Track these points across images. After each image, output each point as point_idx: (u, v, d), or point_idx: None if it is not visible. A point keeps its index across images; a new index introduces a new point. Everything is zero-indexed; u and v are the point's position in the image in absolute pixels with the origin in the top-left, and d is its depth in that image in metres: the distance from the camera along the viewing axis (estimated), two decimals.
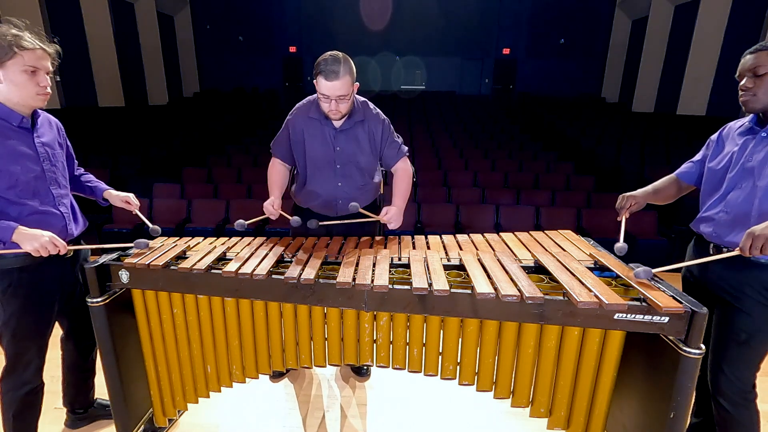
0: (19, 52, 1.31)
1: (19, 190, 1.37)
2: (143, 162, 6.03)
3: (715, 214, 1.42)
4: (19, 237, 1.32)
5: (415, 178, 3.44)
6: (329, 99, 1.74)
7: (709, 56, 9.06)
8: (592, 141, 7.54)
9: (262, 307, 1.49)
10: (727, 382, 1.40)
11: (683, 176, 1.65)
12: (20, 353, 1.49)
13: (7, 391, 1.52)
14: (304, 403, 2.07)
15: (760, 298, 1.33)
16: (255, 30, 13.92)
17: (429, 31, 13.91)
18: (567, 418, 1.36)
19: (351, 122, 1.89)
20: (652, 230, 4.29)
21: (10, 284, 1.41)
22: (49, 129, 1.53)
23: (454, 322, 1.32)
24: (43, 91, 1.39)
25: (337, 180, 1.94)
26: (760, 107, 1.35)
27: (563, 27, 13.61)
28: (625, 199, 1.64)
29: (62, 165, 1.56)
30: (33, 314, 1.47)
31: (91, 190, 1.77)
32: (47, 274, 1.48)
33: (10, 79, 1.33)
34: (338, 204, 1.97)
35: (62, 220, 1.51)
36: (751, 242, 1.13)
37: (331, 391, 2.17)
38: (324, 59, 1.71)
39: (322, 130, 1.89)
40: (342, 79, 1.69)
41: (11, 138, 1.37)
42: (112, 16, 9.87)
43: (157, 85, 12.10)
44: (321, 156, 1.91)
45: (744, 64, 1.36)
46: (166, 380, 1.71)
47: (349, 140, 1.90)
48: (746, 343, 1.35)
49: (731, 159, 1.41)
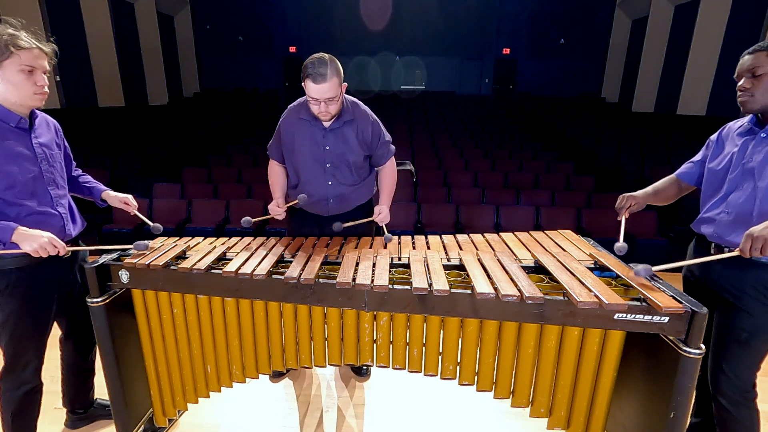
0: (16, 52, 1.30)
1: (17, 190, 1.37)
2: (143, 162, 6.03)
3: (716, 215, 1.42)
4: (19, 237, 1.32)
5: (415, 178, 3.43)
6: (318, 101, 1.75)
7: (709, 56, 9.06)
8: (592, 141, 7.55)
9: (262, 307, 1.49)
10: (727, 382, 1.40)
11: (683, 177, 1.65)
12: (19, 353, 1.48)
13: (6, 391, 1.52)
14: (303, 403, 2.07)
15: (761, 298, 1.33)
16: (255, 30, 13.92)
17: (429, 31, 13.92)
18: (567, 418, 1.36)
19: (340, 122, 1.90)
20: (652, 230, 4.29)
21: (8, 285, 1.41)
22: (46, 129, 1.53)
23: (454, 322, 1.32)
24: (41, 91, 1.39)
25: (328, 179, 1.95)
26: (758, 108, 1.35)
27: (563, 27, 13.61)
28: (625, 200, 1.65)
29: (60, 165, 1.55)
30: (31, 314, 1.47)
31: (89, 191, 1.76)
32: (45, 274, 1.48)
33: (7, 79, 1.32)
34: (329, 203, 1.98)
35: (60, 220, 1.51)
36: (751, 243, 1.14)
37: (331, 391, 2.17)
38: (311, 62, 1.72)
39: (312, 131, 1.90)
40: (330, 81, 1.70)
41: (9, 138, 1.37)
42: (112, 16, 9.87)
43: (157, 85, 12.10)
44: (311, 156, 1.92)
45: (742, 65, 1.36)
46: (166, 380, 1.71)
47: (338, 139, 1.91)
48: (747, 342, 1.35)
49: (731, 160, 1.41)
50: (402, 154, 6.46)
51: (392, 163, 2.10)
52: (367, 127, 1.96)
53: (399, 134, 7.53)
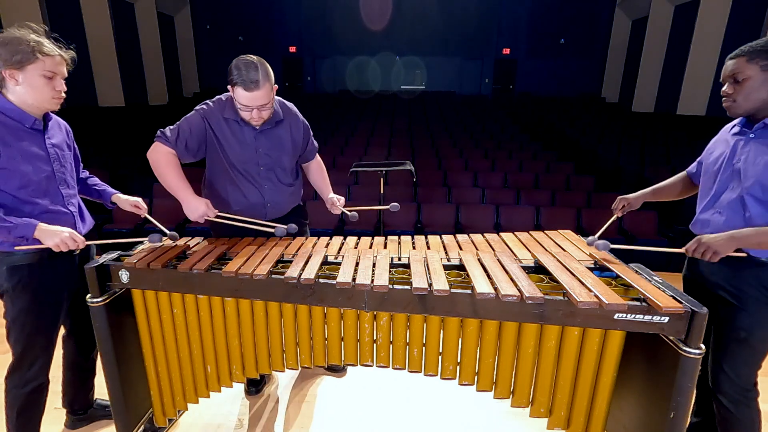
0: (41, 58, 1.37)
1: (30, 189, 1.42)
2: (143, 162, 6.00)
3: (710, 216, 1.43)
4: (41, 233, 1.38)
5: (415, 178, 3.43)
6: (250, 108, 1.65)
7: (709, 56, 9.07)
8: (592, 141, 7.55)
9: (262, 307, 1.49)
10: (727, 381, 1.40)
11: (691, 174, 1.68)
12: (27, 350, 1.51)
13: (12, 388, 1.54)
14: (308, 403, 2.07)
15: (759, 296, 1.33)
16: (255, 30, 13.93)
17: (429, 31, 13.92)
18: (567, 418, 1.36)
19: (271, 122, 1.80)
20: (652, 230, 4.29)
21: (20, 280, 1.44)
22: (58, 131, 1.57)
23: (454, 322, 1.32)
24: (59, 96, 1.45)
25: (263, 182, 1.84)
26: (742, 112, 1.35)
27: (563, 27, 13.62)
28: (618, 201, 1.74)
29: (71, 166, 1.60)
30: (42, 310, 1.50)
31: (99, 194, 1.79)
32: (56, 270, 1.52)
33: (28, 82, 1.38)
34: (267, 207, 1.87)
35: (71, 218, 1.55)
36: (695, 247, 1.31)
37: (332, 390, 2.17)
38: (238, 67, 1.60)
39: (241, 132, 1.78)
40: (263, 88, 1.61)
41: (24, 139, 1.42)
42: (112, 16, 9.88)
43: (157, 85, 12.11)
44: (242, 159, 1.79)
45: (725, 70, 1.36)
46: (166, 380, 1.71)
47: (271, 141, 1.82)
48: (746, 341, 1.36)
49: (723, 160, 1.42)
50: (402, 154, 6.48)
51: (317, 157, 2.11)
52: (299, 127, 1.91)
53: (399, 134, 7.54)
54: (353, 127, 8.08)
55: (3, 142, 1.35)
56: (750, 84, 1.30)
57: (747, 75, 1.29)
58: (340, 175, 5.02)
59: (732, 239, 1.28)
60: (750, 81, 1.29)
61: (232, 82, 1.63)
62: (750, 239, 1.27)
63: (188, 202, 1.68)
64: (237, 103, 1.67)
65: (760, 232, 1.27)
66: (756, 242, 1.28)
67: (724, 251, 1.27)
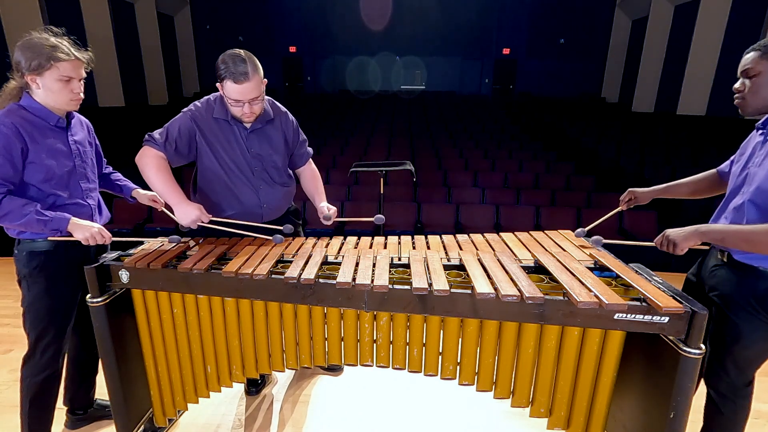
0: (56, 64, 1.43)
1: (53, 182, 1.50)
2: None
3: (720, 221, 1.39)
4: (73, 227, 1.47)
5: (415, 178, 3.42)
6: (241, 103, 1.62)
7: (709, 56, 9.07)
8: (592, 141, 7.55)
9: (262, 307, 1.49)
10: (715, 376, 1.41)
11: (722, 173, 1.59)
12: (41, 336, 1.55)
13: (26, 377, 1.59)
14: (304, 403, 2.08)
15: (746, 306, 1.30)
16: (255, 30, 13.93)
17: (429, 31, 13.93)
18: (567, 418, 1.36)
19: (262, 121, 1.78)
20: (652, 230, 4.29)
21: (38, 265, 1.51)
22: (80, 128, 1.66)
23: (454, 322, 1.32)
24: (76, 98, 1.52)
25: (258, 183, 1.81)
26: (750, 111, 1.31)
27: (563, 27, 13.63)
28: (627, 194, 1.73)
29: (91, 161, 1.68)
30: (56, 296, 1.55)
31: (120, 189, 1.87)
32: (71, 257, 1.56)
33: (46, 86, 1.45)
34: (263, 209, 1.84)
35: (90, 210, 1.63)
36: (661, 240, 1.34)
37: (331, 390, 2.17)
38: (224, 62, 1.58)
39: (232, 132, 1.75)
40: (253, 80, 1.59)
41: (49, 136, 1.50)
42: (112, 16, 9.88)
43: (157, 85, 12.12)
44: (233, 160, 1.76)
45: (741, 64, 1.31)
46: (166, 380, 1.71)
47: (262, 140, 1.80)
48: (732, 346, 1.35)
49: (743, 162, 1.37)
50: (402, 154, 6.48)
51: (311, 164, 2.05)
52: (289, 125, 1.89)
53: (399, 134, 7.53)
54: (353, 127, 8.08)
55: (31, 139, 1.44)
56: (759, 80, 1.26)
57: (758, 70, 1.25)
58: (340, 175, 5.02)
59: (695, 233, 1.27)
60: (760, 77, 1.25)
61: (220, 78, 1.61)
62: (713, 234, 1.27)
63: (180, 208, 1.64)
64: (228, 98, 1.64)
65: (726, 230, 1.25)
66: (719, 238, 1.26)
67: (685, 245, 1.28)
